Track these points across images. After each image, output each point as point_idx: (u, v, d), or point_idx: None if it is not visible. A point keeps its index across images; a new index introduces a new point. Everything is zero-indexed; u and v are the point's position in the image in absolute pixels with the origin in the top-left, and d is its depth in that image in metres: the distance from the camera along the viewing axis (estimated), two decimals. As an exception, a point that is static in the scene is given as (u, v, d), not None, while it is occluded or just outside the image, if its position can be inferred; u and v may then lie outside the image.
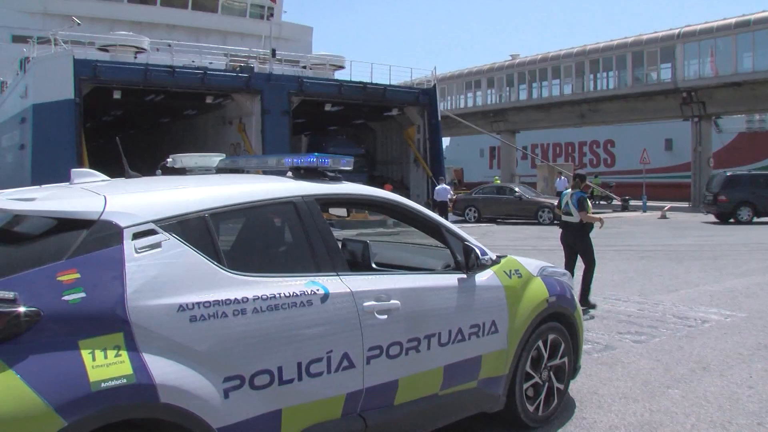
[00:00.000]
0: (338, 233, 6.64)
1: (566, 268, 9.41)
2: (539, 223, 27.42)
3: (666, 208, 32.53)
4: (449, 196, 28.73)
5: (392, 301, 3.92)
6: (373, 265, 5.15)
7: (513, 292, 4.74)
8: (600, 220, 9.99)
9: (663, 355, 7.02)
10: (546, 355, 5.04)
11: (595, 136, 74.22)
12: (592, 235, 9.95)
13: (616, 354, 7.08)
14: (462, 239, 4.60)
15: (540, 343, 4.97)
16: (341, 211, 4.50)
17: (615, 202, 41.48)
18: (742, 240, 19.92)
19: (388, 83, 33.60)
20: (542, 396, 5.01)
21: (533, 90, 52.16)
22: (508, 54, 78.57)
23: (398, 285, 4.08)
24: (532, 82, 52.01)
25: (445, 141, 72.69)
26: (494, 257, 4.63)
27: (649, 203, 37.34)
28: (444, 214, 25.97)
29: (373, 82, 32.79)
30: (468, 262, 4.49)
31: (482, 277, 4.58)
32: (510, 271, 4.82)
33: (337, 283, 3.74)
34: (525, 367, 4.84)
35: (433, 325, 4.16)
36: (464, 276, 4.48)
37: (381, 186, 20.22)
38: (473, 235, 4.93)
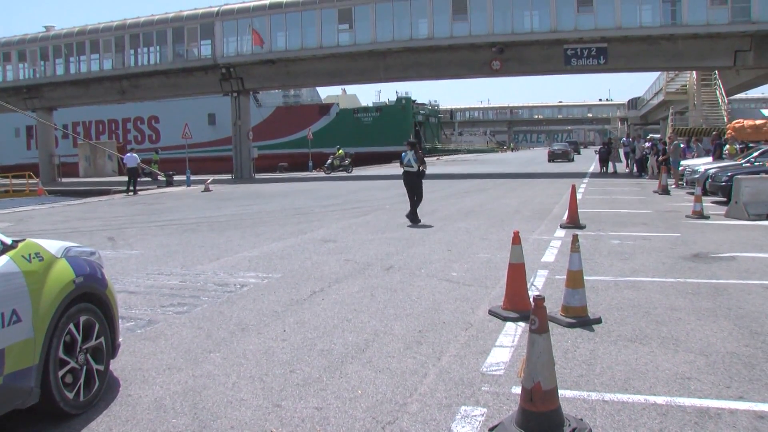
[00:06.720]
0: None
1: (410, 201, 16.00)
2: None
3: (209, 181, 33.61)
4: None
5: None
6: None
7: (35, 277, 4.47)
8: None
9: (205, 323, 7.29)
10: (80, 338, 4.86)
11: (140, 112, 73.58)
12: None
13: (159, 327, 7.16)
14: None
15: (72, 326, 4.77)
16: None
17: (160, 178, 41.46)
18: (280, 207, 21.59)
19: None
20: (81, 381, 4.84)
21: (71, 65, 49.40)
22: (42, 25, 73.36)
23: None
24: (69, 57, 49.23)
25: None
26: (9, 242, 4.32)
27: (195, 177, 37.97)
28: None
29: None
30: (-22, 249, 4.11)
31: None
32: (29, 255, 4.54)
33: None
34: (58, 353, 4.61)
35: None
36: (-24, 265, 4.09)
37: None
38: None
